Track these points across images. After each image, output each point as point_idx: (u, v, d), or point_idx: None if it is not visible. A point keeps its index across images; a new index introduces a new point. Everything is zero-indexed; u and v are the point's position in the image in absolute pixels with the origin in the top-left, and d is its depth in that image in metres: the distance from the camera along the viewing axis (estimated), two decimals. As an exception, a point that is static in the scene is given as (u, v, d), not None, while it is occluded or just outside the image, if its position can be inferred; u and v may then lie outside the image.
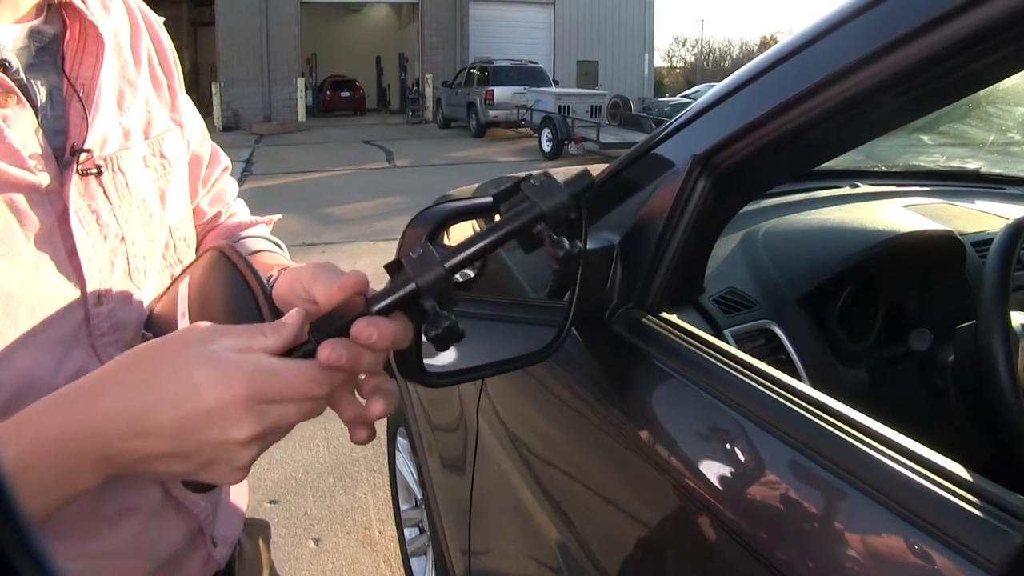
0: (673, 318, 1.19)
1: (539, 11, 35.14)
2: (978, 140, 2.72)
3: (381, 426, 3.83)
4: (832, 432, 0.83)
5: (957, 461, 0.74)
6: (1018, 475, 1.21)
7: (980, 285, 1.32)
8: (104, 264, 0.87)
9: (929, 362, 1.51)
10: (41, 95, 0.83)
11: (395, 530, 3.10)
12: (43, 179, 0.80)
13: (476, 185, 2.60)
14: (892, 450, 0.78)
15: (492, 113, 23.35)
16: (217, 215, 1.16)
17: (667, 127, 1.27)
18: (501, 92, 23.26)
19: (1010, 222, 1.40)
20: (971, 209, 2.13)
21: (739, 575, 0.89)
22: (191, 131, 1.08)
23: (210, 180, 1.15)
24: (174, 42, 1.08)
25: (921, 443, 0.78)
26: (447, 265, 0.73)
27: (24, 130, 0.80)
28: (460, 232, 1.00)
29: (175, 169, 1.00)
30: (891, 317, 1.71)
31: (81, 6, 0.86)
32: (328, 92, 35.46)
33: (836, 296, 1.62)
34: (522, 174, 1.18)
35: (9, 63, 0.79)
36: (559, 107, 20.01)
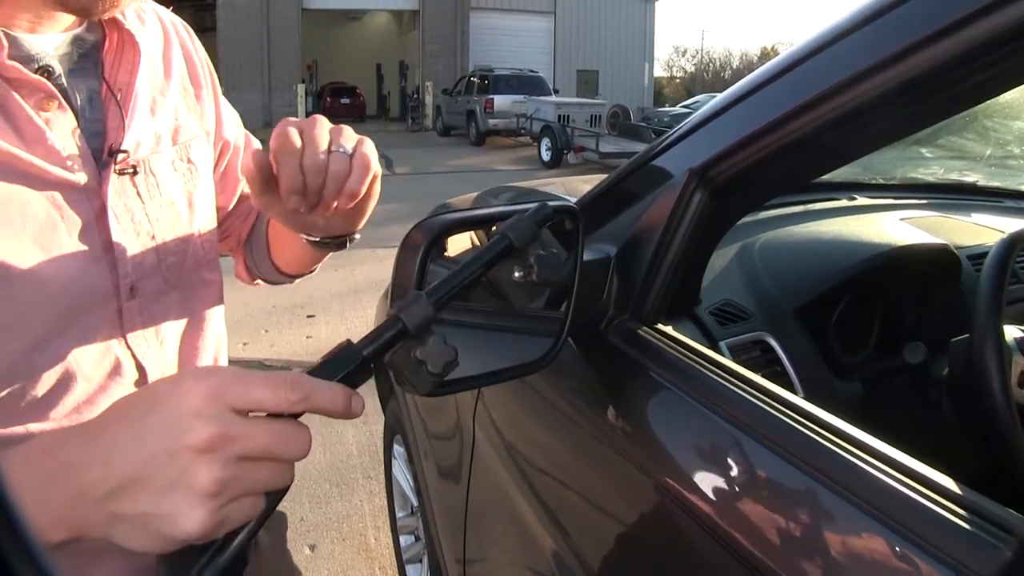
0: (669, 330, 1.19)
1: (540, 20, 35.16)
2: (975, 153, 2.73)
3: (378, 433, 3.84)
4: (825, 445, 0.83)
5: (950, 473, 0.75)
6: (1010, 488, 1.22)
7: (975, 298, 1.32)
8: (137, 260, 0.93)
9: (924, 375, 1.52)
10: (81, 99, 0.89)
11: (391, 537, 3.10)
12: (82, 178, 0.86)
13: (475, 194, 2.61)
14: (884, 463, 0.78)
15: (492, 121, 23.36)
16: None
17: (665, 140, 1.27)
18: (501, 101, 23.28)
19: (1005, 236, 1.40)
20: (968, 222, 2.13)
21: (732, 586, 0.90)
22: (229, 128, 1.17)
23: None
24: None
25: (915, 455, 0.79)
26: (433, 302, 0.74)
27: (65, 132, 0.85)
28: (458, 243, 1.00)
29: (201, 174, 1.06)
30: (887, 330, 1.72)
31: (119, 17, 0.92)
32: (328, 99, 35.42)
33: (832, 308, 1.63)
34: (522, 183, 1.18)
35: (52, 68, 0.85)
36: (559, 116, 20.01)
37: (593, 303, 1.24)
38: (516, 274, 0.84)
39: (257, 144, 1.24)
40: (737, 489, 0.92)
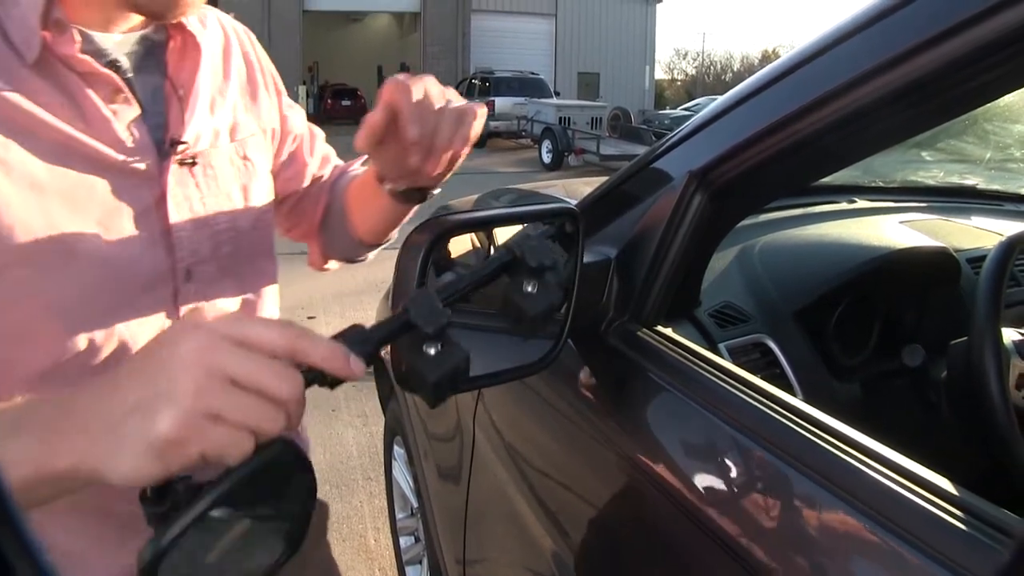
0: (668, 331, 1.20)
1: (541, 22, 35.15)
2: (975, 156, 2.73)
3: (378, 435, 3.84)
4: (824, 447, 0.84)
5: (948, 475, 0.75)
6: (1008, 490, 1.22)
7: (973, 301, 1.32)
8: (193, 246, 1.00)
9: (922, 377, 1.52)
10: (145, 93, 0.97)
11: (391, 538, 3.10)
12: (144, 165, 0.94)
13: (476, 196, 2.61)
14: (883, 465, 0.78)
15: (493, 124, 23.30)
16: (324, 173, 1.34)
17: (665, 142, 1.28)
18: (502, 103, 23.25)
19: (1003, 239, 1.41)
20: (967, 225, 2.14)
21: (730, 587, 0.90)
22: (295, 123, 1.27)
23: (315, 151, 1.32)
24: None
25: (913, 457, 0.79)
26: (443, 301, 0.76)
27: (130, 122, 0.93)
28: (458, 245, 1.01)
29: (258, 170, 1.14)
30: (886, 332, 1.72)
31: (184, 20, 0.99)
32: (329, 100, 35.38)
33: (831, 311, 1.63)
34: (523, 186, 1.19)
35: (120, 64, 0.94)
36: (560, 118, 20.01)
37: (593, 305, 1.24)
38: (528, 288, 0.85)
39: (321, 134, 1.34)
40: (736, 490, 0.92)
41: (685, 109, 32.15)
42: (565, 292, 1.07)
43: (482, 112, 0.98)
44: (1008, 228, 1.97)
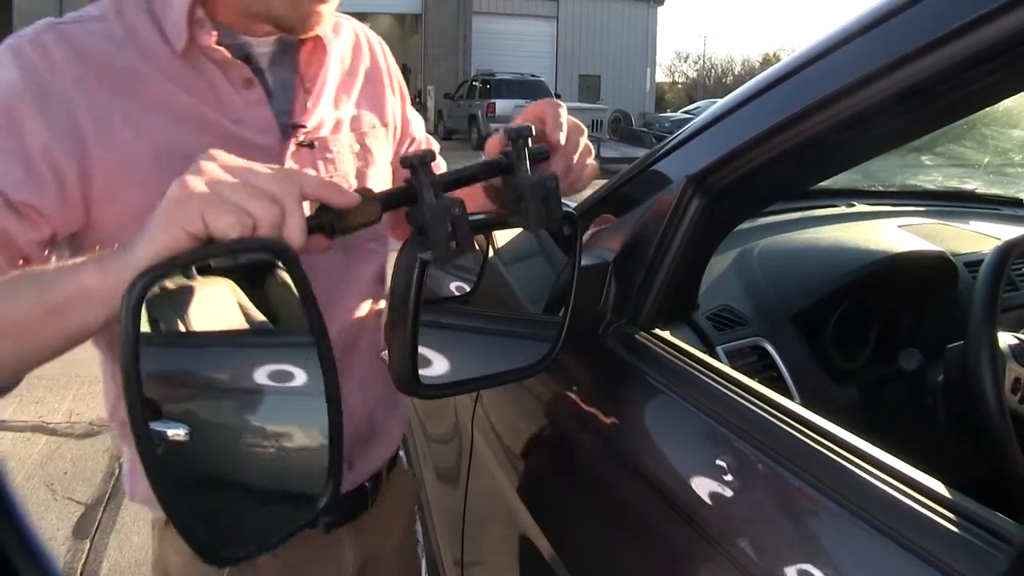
0: (666, 335, 1.20)
1: (542, 25, 35.10)
2: (974, 161, 2.74)
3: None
4: (820, 451, 0.84)
5: (945, 479, 0.75)
6: (1004, 494, 1.22)
7: (970, 305, 1.33)
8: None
9: (919, 381, 1.52)
10: (276, 84, 1.12)
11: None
12: (268, 143, 1.08)
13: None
14: (880, 469, 0.79)
15: (493, 126, 23.21)
16: None
17: (663, 146, 1.28)
18: (503, 105, 23.19)
19: (1000, 243, 1.41)
20: (965, 229, 2.14)
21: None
22: (416, 128, 1.41)
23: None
24: None
25: (910, 461, 0.79)
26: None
27: (258, 106, 1.08)
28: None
29: (376, 160, 1.26)
30: (884, 336, 1.72)
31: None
32: (330, 102, 35.21)
33: (829, 314, 1.63)
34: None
35: (252, 56, 1.08)
36: (560, 120, 19.96)
37: (591, 308, 1.25)
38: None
39: (436, 145, 1.36)
40: (732, 493, 0.92)
41: (686, 112, 32.12)
42: (563, 295, 1.07)
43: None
44: (1006, 232, 1.98)
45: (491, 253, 1.06)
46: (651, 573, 1.06)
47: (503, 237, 1.08)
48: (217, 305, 0.79)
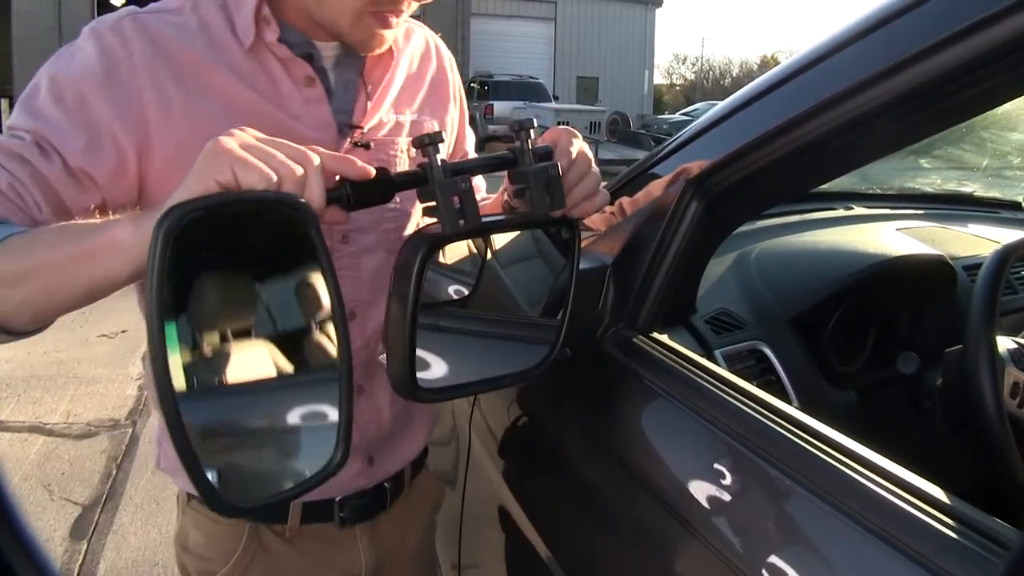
0: (664, 338, 1.20)
1: (540, 26, 35.05)
2: (972, 164, 2.74)
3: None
4: (817, 455, 0.84)
5: (942, 484, 0.75)
6: (1002, 498, 1.22)
7: (968, 309, 1.32)
8: (354, 215, 1.05)
9: (917, 385, 1.52)
10: (338, 84, 1.15)
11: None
12: (324, 139, 1.08)
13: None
14: (877, 474, 0.78)
15: (491, 127, 23.18)
16: None
17: (662, 149, 1.28)
18: (501, 107, 23.14)
19: (999, 247, 1.41)
20: (964, 233, 2.14)
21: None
22: (469, 144, 1.45)
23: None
24: None
25: (907, 465, 0.79)
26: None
27: (317, 104, 1.12)
28: (454, 251, 1.01)
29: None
30: (882, 340, 1.72)
31: None
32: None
33: (828, 318, 1.63)
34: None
35: (315, 56, 1.12)
36: (558, 122, 19.97)
37: (589, 311, 1.24)
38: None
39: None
40: (729, 498, 0.92)
41: (684, 114, 32.07)
42: (561, 298, 1.07)
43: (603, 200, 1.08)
44: (1004, 236, 1.98)
45: (489, 256, 1.06)
46: (647, 575, 1.06)
47: (501, 240, 1.08)
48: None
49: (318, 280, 0.83)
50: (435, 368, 1.00)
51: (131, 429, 4.31)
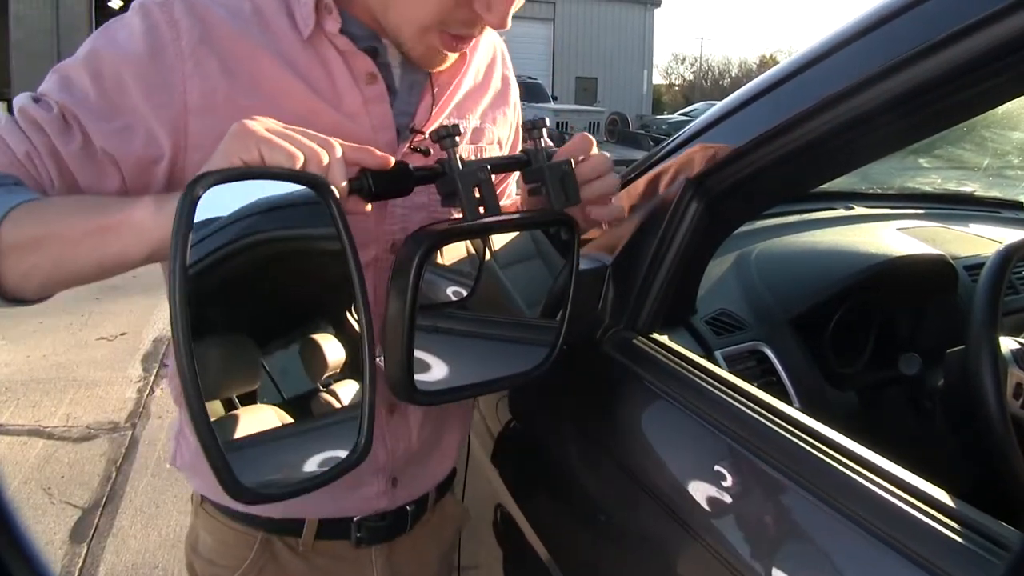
0: (664, 339, 1.20)
1: (538, 27, 35.03)
2: (973, 163, 2.73)
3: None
4: (817, 456, 0.84)
5: (944, 485, 0.75)
6: (1004, 499, 1.21)
7: (970, 309, 1.32)
8: (405, 223, 1.09)
9: (919, 386, 1.52)
10: (403, 84, 1.10)
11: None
12: (380, 142, 1.05)
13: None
14: (878, 476, 0.78)
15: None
16: None
17: (662, 149, 1.28)
18: (500, 107, 23.18)
19: (1001, 247, 1.40)
20: (965, 232, 2.13)
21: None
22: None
23: (510, 192, 1.41)
24: None
25: (909, 466, 0.79)
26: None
27: (377, 103, 1.06)
28: (453, 252, 1.01)
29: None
30: (883, 340, 1.72)
31: None
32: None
33: (828, 319, 1.63)
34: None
35: (379, 51, 1.07)
36: (557, 123, 19.99)
37: (589, 312, 1.24)
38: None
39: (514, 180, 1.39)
40: (730, 499, 0.92)
41: (683, 114, 32.10)
42: (560, 299, 1.07)
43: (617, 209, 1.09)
44: (1006, 235, 1.97)
45: (488, 257, 1.06)
46: (647, 577, 1.05)
47: (500, 241, 1.07)
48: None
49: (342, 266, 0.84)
50: (434, 370, 0.99)
51: (131, 432, 4.30)
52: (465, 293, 1.05)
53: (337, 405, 0.85)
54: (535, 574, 1.32)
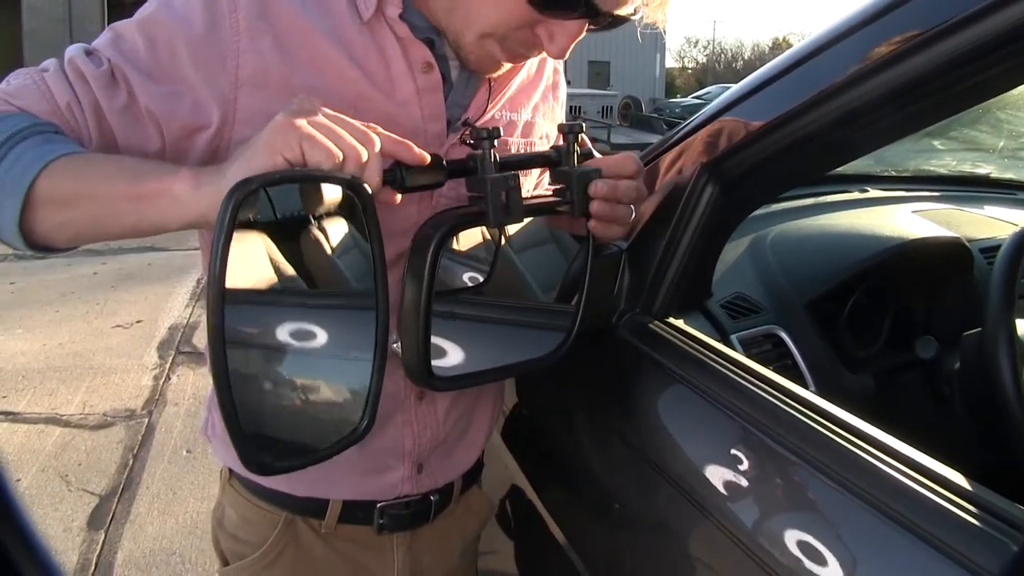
0: (680, 323, 1.19)
1: (551, 11, 34.78)
2: (988, 145, 2.71)
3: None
4: (834, 439, 0.84)
5: (960, 469, 0.75)
6: (1021, 483, 1.21)
7: (987, 292, 1.31)
8: (448, 205, 1.08)
9: (935, 369, 1.51)
10: (459, 77, 1.10)
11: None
12: (429, 132, 1.06)
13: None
14: (895, 459, 0.78)
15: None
16: None
17: (677, 132, 1.27)
18: (511, 92, 23.11)
19: (1018, 229, 1.39)
20: (980, 215, 2.12)
21: (742, 580, 0.90)
22: None
23: (545, 184, 1.36)
24: None
25: (925, 450, 0.78)
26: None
27: (431, 93, 1.06)
28: (468, 237, 1.01)
29: (532, 172, 1.25)
30: (899, 323, 1.71)
31: None
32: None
33: (844, 302, 1.62)
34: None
35: (435, 42, 1.06)
36: (570, 107, 19.82)
37: (604, 297, 1.24)
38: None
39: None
40: (746, 483, 0.92)
41: (696, 97, 31.98)
42: (576, 284, 1.07)
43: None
44: (1021, 217, 1.96)
45: (503, 243, 1.06)
46: (664, 562, 1.06)
47: (514, 226, 1.07)
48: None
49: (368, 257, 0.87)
50: (450, 356, 1.00)
51: (147, 419, 4.33)
52: (481, 279, 1.05)
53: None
54: (552, 558, 1.33)
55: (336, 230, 0.90)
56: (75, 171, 0.90)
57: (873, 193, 2.18)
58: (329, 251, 0.91)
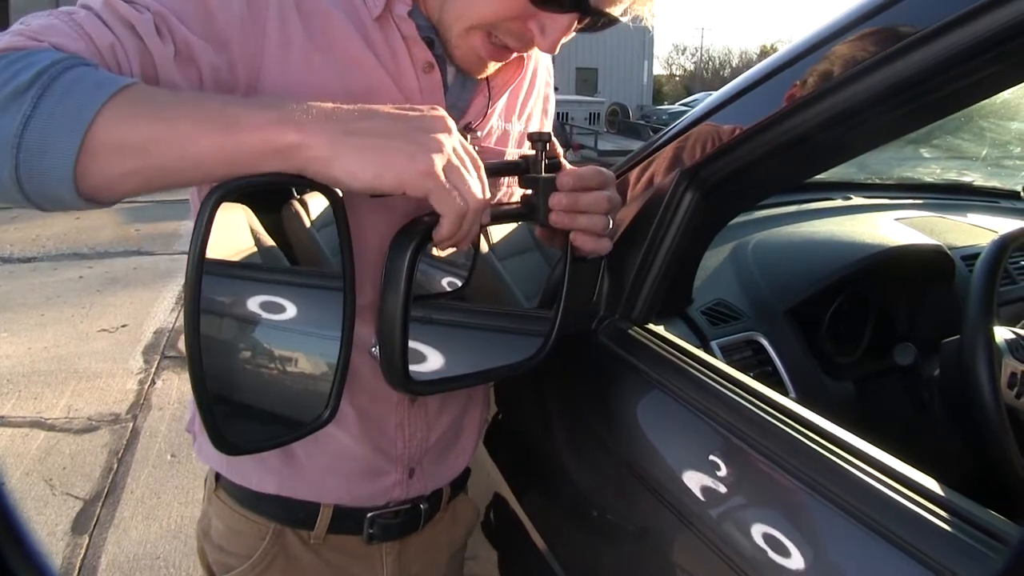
0: (659, 329, 1.20)
1: (539, 17, 34.83)
2: (971, 153, 2.73)
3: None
4: (814, 448, 0.84)
5: (939, 476, 0.75)
6: (999, 489, 1.22)
7: (966, 299, 1.32)
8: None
9: (915, 375, 1.52)
10: (456, 79, 1.11)
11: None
12: None
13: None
14: (874, 467, 0.78)
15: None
16: None
17: (658, 139, 1.28)
18: (499, 98, 23.11)
19: (996, 237, 1.40)
20: (962, 222, 2.13)
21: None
22: None
23: None
24: None
25: (904, 457, 0.79)
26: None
27: (431, 94, 1.07)
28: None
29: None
30: (879, 330, 1.72)
31: None
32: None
33: (825, 309, 1.63)
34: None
35: (434, 42, 1.06)
36: (558, 114, 19.84)
37: (584, 303, 1.24)
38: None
39: None
40: (724, 489, 0.92)
41: (683, 104, 32.04)
42: (557, 290, 1.07)
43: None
44: (1003, 225, 1.97)
45: (485, 248, 1.06)
46: (643, 569, 1.06)
47: (497, 232, 1.07)
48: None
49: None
50: (429, 360, 1.00)
51: (132, 423, 4.31)
52: (460, 284, 1.05)
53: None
54: (532, 564, 1.33)
55: (317, 204, 0.91)
56: (150, 109, 0.79)
57: (856, 200, 2.19)
58: (308, 224, 0.92)
